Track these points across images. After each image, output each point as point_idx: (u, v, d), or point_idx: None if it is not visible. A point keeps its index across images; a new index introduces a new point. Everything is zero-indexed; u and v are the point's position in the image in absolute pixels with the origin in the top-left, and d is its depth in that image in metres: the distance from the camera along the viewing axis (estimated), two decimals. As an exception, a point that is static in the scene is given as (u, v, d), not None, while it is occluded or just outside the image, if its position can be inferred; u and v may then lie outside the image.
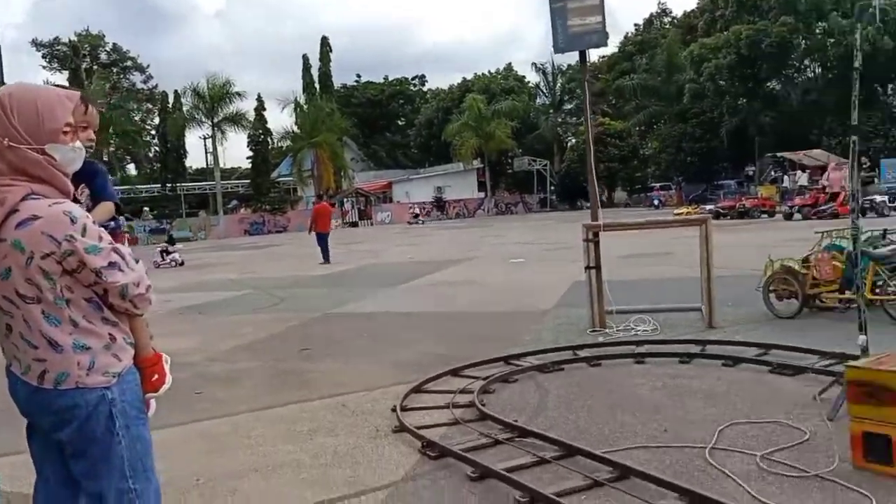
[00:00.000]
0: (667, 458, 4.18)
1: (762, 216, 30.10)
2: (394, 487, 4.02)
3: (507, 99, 60.99)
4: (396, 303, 12.01)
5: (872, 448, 3.70)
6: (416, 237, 33.22)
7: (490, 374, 6.28)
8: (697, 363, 6.42)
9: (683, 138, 50.68)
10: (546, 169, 60.57)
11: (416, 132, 68.88)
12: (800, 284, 8.11)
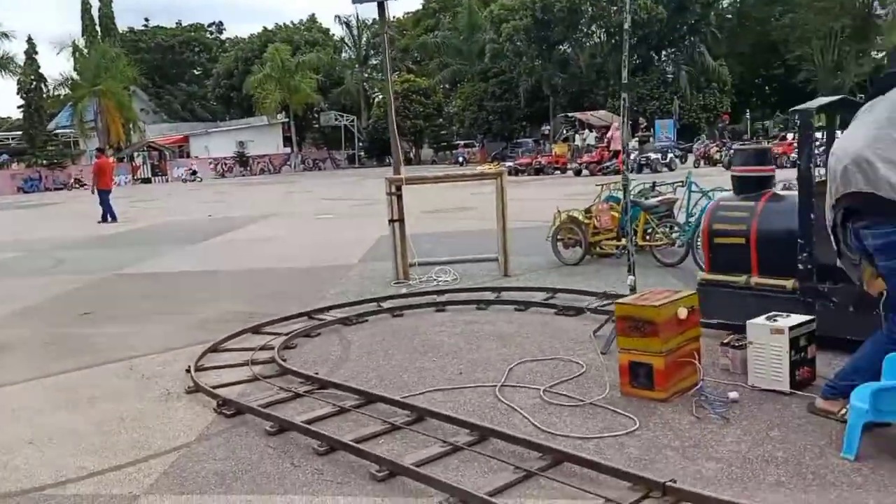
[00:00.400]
0: (461, 398, 4.39)
1: (556, 172, 32.04)
2: (186, 448, 3.88)
3: (312, 52, 59.38)
4: (194, 261, 11.44)
5: (637, 375, 4.13)
6: (218, 193, 31.74)
7: (292, 330, 6.20)
8: (493, 309, 6.77)
9: (485, 97, 52.38)
10: (353, 124, 60.06)
11: (215, 83, 65.07)
12: (583, 233, 8.78)
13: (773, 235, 4.97)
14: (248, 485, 3.39)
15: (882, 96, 3.49)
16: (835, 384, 3.65)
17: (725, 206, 5.50)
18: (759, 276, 5.01)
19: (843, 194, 3.47)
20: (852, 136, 3.54)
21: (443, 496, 3.07)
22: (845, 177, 3.44)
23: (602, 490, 3.02)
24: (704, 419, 3.77)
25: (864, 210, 3.41)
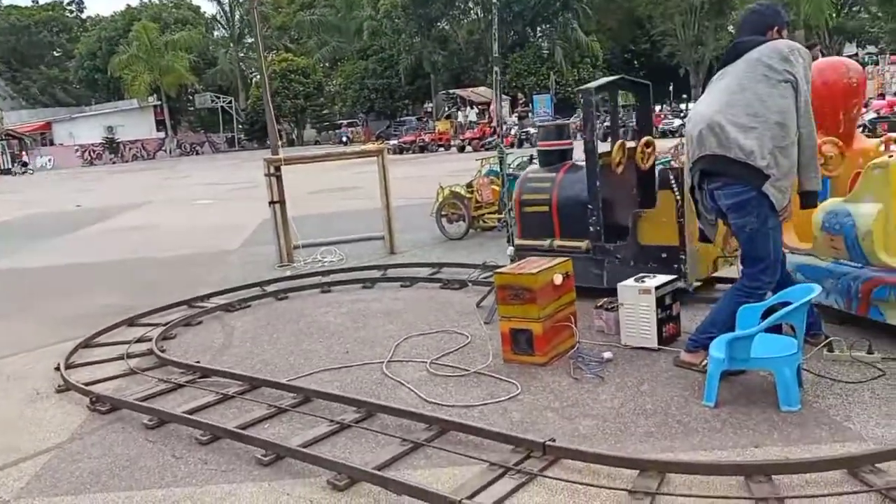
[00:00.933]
0: (349, 377, 4.39)
1: (440, 149, 32.28)
2: (58, 449, 3.69)
3: (183, 30, 56.66)
4: (62, 255, 10.79)
5: (518, 342, 4.27)
6: (89, 182, 29.97)
7: (171, 320, 5.98)
8: (379, 287, 6.78)
9: (366, 75, 51.83)
10: (231, 106, 57.99)
11: (77, 65, 61.01)
12: (466, 208, 8.91)
13: (570, 202, 5.58)
14: (127, 481, 3.27)
15: (732, 65, 3.73)
16: (696, 337, 3.91)
17: (532, 177, 5.98)
18: (561, 239, 5.62)
19: (698, 157, 3.71)
20: (706, 102, 3.78)
21: (331, 474, 3.08)
22: (700, 140, 3.67)
23: (486, 454, 3.12)
24: (582, 380, 3.95)
25: (717, 171, 3.65)
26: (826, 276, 4.30)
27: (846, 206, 4.16)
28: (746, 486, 2.68)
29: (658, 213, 5.17)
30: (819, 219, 4.28)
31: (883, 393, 3.43)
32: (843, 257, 4.22)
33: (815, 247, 4.40)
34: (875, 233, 3.96)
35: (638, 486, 2.75)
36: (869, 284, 4.03)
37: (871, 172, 4.06)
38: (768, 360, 3.39)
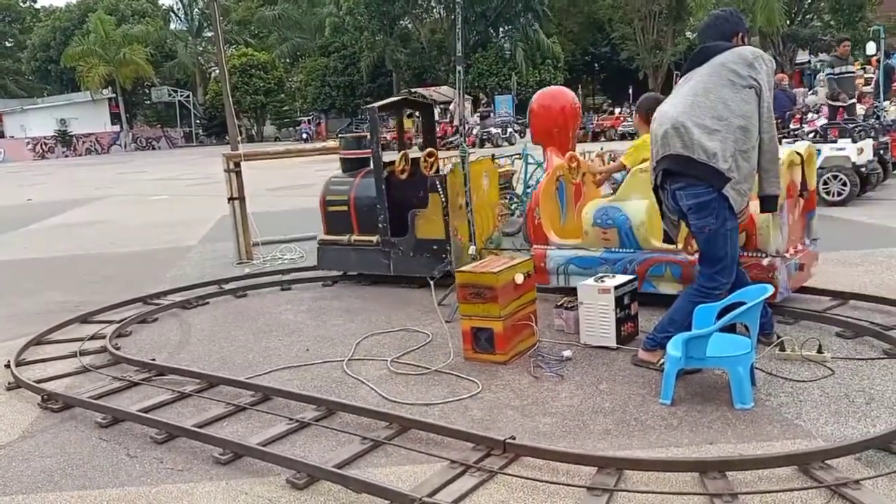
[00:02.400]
0: (309, 375, 4.36)
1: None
2: (8, 448, 3.59)
3: (140, 22, 55.47)
4: (12, 250, 10.50)
5: (478, 340, 4.29)
6: (40, 176, 29.17)
7: (126, 317, 5.87)
8: (340, 285, 6.75)
9: (327, 72, 51.43)
10: (189, 100, 57.00)
11: (30, 56, 59.31)
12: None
13: (364, 203, 6.50)
14: (80, 480, 3.20)
15: (698, 68, 3.80)
16: (653, 336, 3.98)
17: (335, 181, 6.88)
18: (358, 235, 6.55)
19: (662, 156, 3.76)
20: (671, 103, 3.84)
21: (290, 473, 3.05)
22: (665, 140, 3.73)
23: (447, 452, 3.13)
24: (542, 378, 3.99)
25: (679, 172, 3.71)
26: (600, 264, 5.12)
27: (616, 204, 5.12)
28: (701, 482, 2.74)
29: (429, 212, 6.15)
30: (589, 217, 5.20)
31: (832, 391, 3.53)
32: (615, 246, 5.11)
33: (586, 241, 5.27)
34: (647, 223, 4.90)
35: (596, 483, 2.79)
36: (644, 265, 4.97)
37: (638, 175, 4.96)
38: (723, 358, 3.46)
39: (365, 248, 6.47)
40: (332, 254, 6.72)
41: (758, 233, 4.54)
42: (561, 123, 5.85)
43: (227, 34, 51.05)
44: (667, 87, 37.28)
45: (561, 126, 5.85)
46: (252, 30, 60.64)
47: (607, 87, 57.32)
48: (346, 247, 6.59)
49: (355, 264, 6.65)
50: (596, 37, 52.73)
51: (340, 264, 6.75)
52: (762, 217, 4.37)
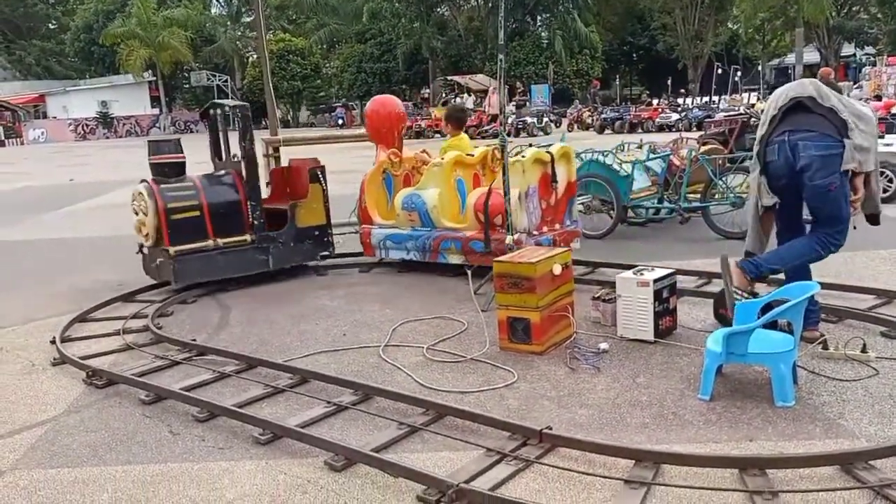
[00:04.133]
0: (345, 359, 4.41)
1: (435, 135, 32.17)
2: (54, 422, 3.69)
3: (180, 5, 56.10)
4: (57, 228, 10.75)
5: (515, 330, 4.29)
6: (82, 156, 29.73)
7: (167, 297, 5.98)
8: (375, 271, 6.79)
9: (363, 58, 51.55)
10: (227, 85, 57.53)
11: (73, 37, 60.35)
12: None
13: (219, 204, 6.35)
14: (124, 455, 3.28)
15: None
16: (758, 263, 4.01)
17: (167, 188, 6.26)
18: (220, 238, 6.26)
19: (794, 98, 3.92)
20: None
21: (328, 455, 3.09)
22: (800, 87, 3.96)
23: (483, 440, 3.14)
24: (578, 370, 3.98)
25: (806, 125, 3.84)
26: (409, 240, 6.39)
27: (417, 192, 6.35)
28: (741, 479, 2.71)
29: (310, 201, 6.71)
30: (399, 202, 6.41)
31: (876, 391, 3.47)
32: (418, 225, 6.32)
33: (398, 221, 6.45)
34: (439, 207, 6.16)
35: (633, 476, 2.78)
36: (437, 240, 6.23)
37: (432, 169, 6.35)
38: (765, 355, 3.42)
39: (238, 250, 6.31)
40: (192, 264, 6.10)
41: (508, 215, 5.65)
42: (388, 126, 6.97)
43: (265, 19, 51.41)
44: (707, 79, 36.69)
45: (388, 128, 6.97)
46: (290, 15, 60.96)
47: (645, 77, 56.60)
48: (211, 252, 6.19)
49: (224, 269, 6.25)
50: (635, 27, 52.02)
51: (205, 273, 6.19)
52: (513, 203, 5.55)
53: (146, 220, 6.05)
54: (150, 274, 6.38)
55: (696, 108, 26.96)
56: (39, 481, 3.10)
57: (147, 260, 6.38)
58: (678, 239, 7.41)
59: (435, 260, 6.29)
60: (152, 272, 6.32)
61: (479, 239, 5.99)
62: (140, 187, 6.22)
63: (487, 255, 5.71)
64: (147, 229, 6.07)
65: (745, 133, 10.84)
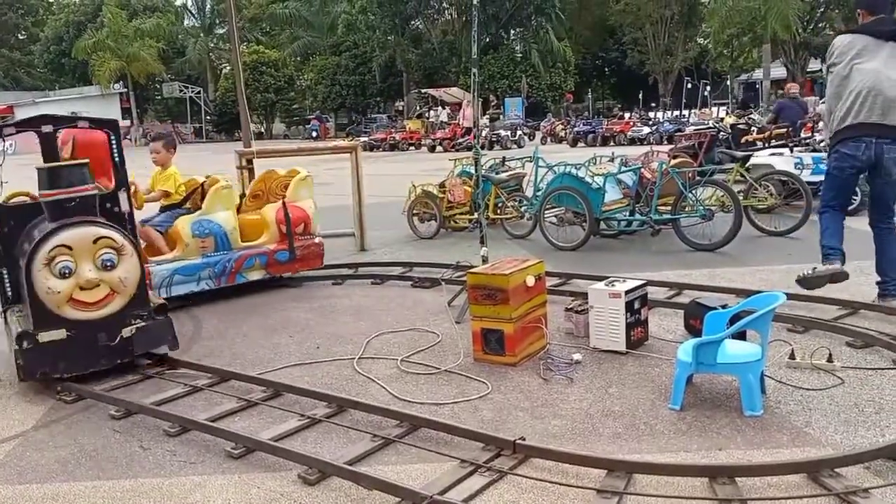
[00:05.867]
0: (319, 372, 4.39)
1: (410, 148, 32.26)
2: (22, 437, 3.64)
3: (152, 17, 55.69)
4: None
5: (489, 341, 4.31)
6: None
7: (138, 310, 5.90)
8: (350, 284, 6.78)
9: (338, 71, 51.58)
10: (200, 97, 57.19)
11: (43, 48, 59.65)
12: (437, 207, 8.95)
13: None
14: (94, 470, 3.24)
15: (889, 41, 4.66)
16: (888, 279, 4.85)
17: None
18: None
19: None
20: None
21: (301, 468, 3.08)
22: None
23: (457, 452, 3.15)
24: (551, 380, 4.01)
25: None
26: (203, 268, 6.15)
27: (207, 216, 6.21)
28: (711, 488, 2.75)
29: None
30: (188, 230, 6.10)
31: (841, 400, 3.54)
32: (212, 251, 6.18)
33: (186, 252, 6.09)
34: (235, 229, 6.30)
35: (606, 486, 2.81)
36: (239, 261, 6.30)
37: (221, 191, 6.30)
38: (733, 365, 3.48)
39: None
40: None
41: (311, 222, 6.68)
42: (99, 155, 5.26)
43: (239, 31, 51.25)
44: (677, 93, 37.22)
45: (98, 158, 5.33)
46: (263, 27, 60.82)
47: (617, 91, 57.30)
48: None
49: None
50: (607, 41, 52.72)
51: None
52: (312, 212, 6.55)
53: None
54: None
55: (667, 122, 27.38)
56: (8, 497, 3.04)
57: None
58: (649, 251, 7.50)
59: (233, 282, 6.30)
60: None
61: (284, 249, 6.50)
62: None
63: (293, 262, 6.59)
64: None
65: (714, 146, 11.04)
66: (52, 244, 4.14)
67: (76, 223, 4.26)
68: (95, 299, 4.26)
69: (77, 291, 4.19)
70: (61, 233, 4.19)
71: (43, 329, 4.13)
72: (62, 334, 4.17)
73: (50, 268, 4.12)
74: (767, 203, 8.15)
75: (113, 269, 4.29)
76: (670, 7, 43.22)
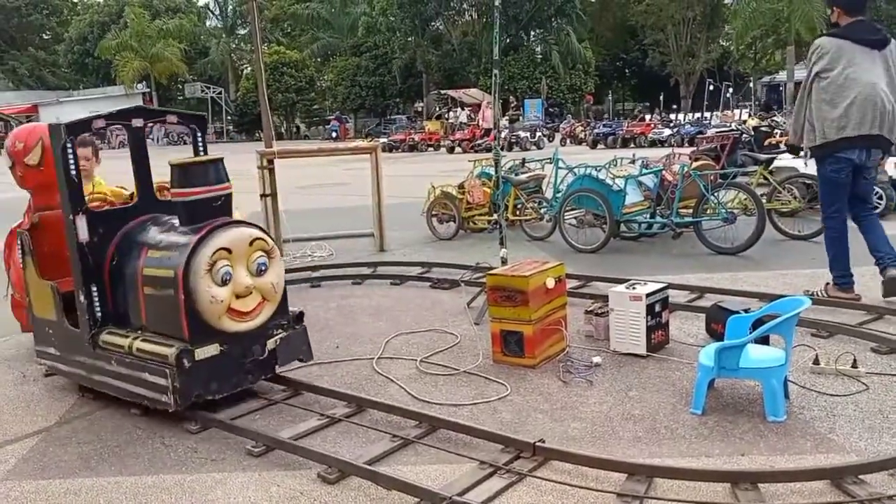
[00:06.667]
0: (338, 371, 4.41)
1: (429, 149, 32.31)
2: (46, 433, 3.68)
3: (174, 17, 56.26)
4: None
5: (508, 343, 4.30)
6: (72, 168, 29.63)
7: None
8: (369, 284, 6.79)
9: (358, 72, 51.78)
10: (221, 97, 57.68)
11: (67, 48, 60.46)
12: (456, 208, 8.95)
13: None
14: (116, 466, 3.27)
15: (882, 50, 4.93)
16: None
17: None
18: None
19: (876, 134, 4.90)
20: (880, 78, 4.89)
21: (321, 467, 3.09)
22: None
23: (476, 453, 3.15)
24: (571, 383, 3.99)
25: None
26: None
27: None
28: (733, 493, 2.73)
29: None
30: None
31: (866, 407, 3.50)
32: None
33: None
34: None
35: (626, 490, 2.79)
36: None
37: None
38: (756, 370, 3.44)
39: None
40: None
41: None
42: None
43: (260, 32, 51.70)
44: (699, 95, 36.94)
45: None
46: (284, 28, 61.21)
47: (638, 93, 57.00)
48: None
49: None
50: (628, 43, 52.45)
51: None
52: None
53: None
54: None
55: (688, 124, 27.17)
56: (31, 492, 3.09)
57: None
58: (670, 254, 7.45)
59: None
60: None
61: None
62: None
63: None
64: None
65: (737, 149, 10.94)
66: (214, 247, 3.57)
67: (230, 224, 3.76)
68: (249, 308, 3.73)
69: (233, 300, 3.66)
70: (220, 234, 3.65)
71: (199, 344, 3.56)
72: (216, 349, 3.64)
73: (212, 274, 3.55)
74: (791, 206, 8.06)
75: (265, 273, 3.79)
76: (693, 8, 42.93)
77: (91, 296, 3.82)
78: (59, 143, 3.71)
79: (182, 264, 3.52)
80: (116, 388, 3.79)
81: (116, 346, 3.75)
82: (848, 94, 4.84)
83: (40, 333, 4.29)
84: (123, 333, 3.78)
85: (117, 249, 3.90)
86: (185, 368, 3.47)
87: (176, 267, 3.54)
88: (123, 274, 3.85)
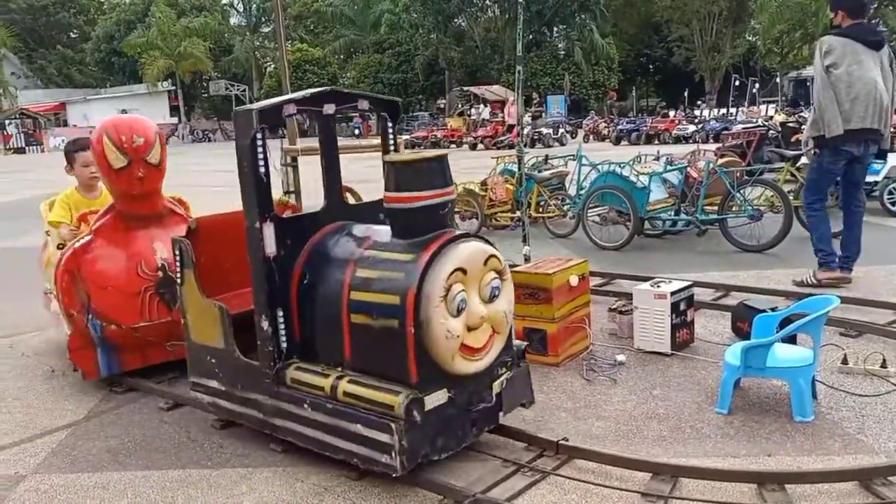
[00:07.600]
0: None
1: (451, 146, 32.27)
2: (75, 427, 3.74)
3: (199, 16, 56.77)
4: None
5: (531, 341, 4.27)
6: (99, 165, 30.01)
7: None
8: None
9: (380, 69, 51.90)
10: (245, 94, 58.06)
11: (94, 47, 61.26)
12: (479, 206, 8.94)
13: None
14: (143, 460, 3.32)
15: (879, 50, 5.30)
16: None
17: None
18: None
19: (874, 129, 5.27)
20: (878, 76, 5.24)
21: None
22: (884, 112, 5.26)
23: (499, 452, 3.15)
24: (594, 381, 3.97)
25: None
26: None
27: None
28: (759, 494, 2.70)
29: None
30: None
31: (895, 407, 3.44)
32: None
33: None
34: None
35: (651, 489, 2.77)
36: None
37: None
38: (783, 369, 3.40)
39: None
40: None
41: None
42: None
43: (284, 29, 52.01)
44: (724, 91, 36.56)
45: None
46: (308, 25, 61.50)
47: (662, 89, 56.53)
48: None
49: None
50: (652, 38, 52.02)
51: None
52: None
53: None
54: None
55: (714, 120, 26.89)
56: (60, 486, 3.14)
57: None
58: (695, 251, 7.38)
59: None
60: None
61: None
62: None
63: None
64: None
65: (764, 145, 10.81)
66: (450, 267, 2.79)
67: (459, 238, 2.94)
68: (481, 343, 2.96)
69: (465, 334, 2.88)
70: (453, 250, 2.85)
71: (428, 390, 2.82)
72: (444, 396, 2.89)
73: (446, 302, 2.78)
74: (818, 203, 7.94)
75: (497, 300, 3.01)
76: (718, 3, 42.46)
77: (276, 322, 3.09)
78: (249, 132, 3.04)
79: (412, 288, 2.75)
80: (310, 438, 3.07)
81: (312, 386, 3.01)
82: (852, 90, 5.19)
83: (198, 362, 3.53)
84: (320, 371, 3.04)
85: (307, 265, 3.17)
86: (415, 422, 2.75)
87: (404, 292, 2.77)
88: (317, 296, 3.09)
